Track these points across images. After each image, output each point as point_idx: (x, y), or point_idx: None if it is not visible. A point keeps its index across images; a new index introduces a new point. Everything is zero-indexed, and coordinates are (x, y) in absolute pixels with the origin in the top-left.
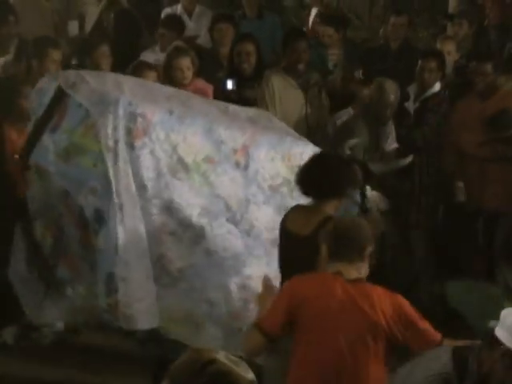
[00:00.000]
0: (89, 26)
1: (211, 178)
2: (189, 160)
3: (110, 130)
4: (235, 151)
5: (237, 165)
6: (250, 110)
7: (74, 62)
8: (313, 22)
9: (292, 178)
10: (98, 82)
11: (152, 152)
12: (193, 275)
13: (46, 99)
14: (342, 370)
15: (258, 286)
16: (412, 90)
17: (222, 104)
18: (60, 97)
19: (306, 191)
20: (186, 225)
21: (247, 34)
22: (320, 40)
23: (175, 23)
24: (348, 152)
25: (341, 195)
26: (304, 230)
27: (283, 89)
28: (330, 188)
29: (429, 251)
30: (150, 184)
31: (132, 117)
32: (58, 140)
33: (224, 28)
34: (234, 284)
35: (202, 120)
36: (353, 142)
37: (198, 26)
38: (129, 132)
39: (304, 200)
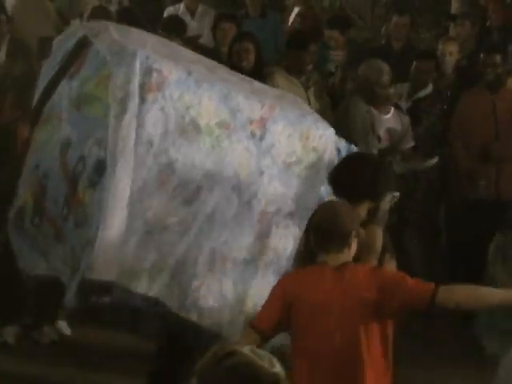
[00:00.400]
0: None
1: (224, 144)
2: (201, 123)
3: (120, 82)
4: (251, 121)
5: (252, 135)
6: (277, 90)
7: None
8: (292, 22)
9: (306, 159)
10: (121, 35)
11: (162, 109)
12: (177, 233)
13: (67, 48)
14: (340, 357)
15: (232, 254)
16: (405, 88)
17: (248, 78)
18: (82, 45)
19: (340, 192)
20: (184, 184)
21: (246, 32)
22: (325, 42)
23: (175, 25)
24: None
25: (377, 198)
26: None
27: (287, 87)
28: (367, 190)
29: (425, 251)
30: (156, 140)
31: (147, 71)
32: (74, 87)
33: (226, 27)
34: (207, 247)
35: (221, 86)
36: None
37: (200, 26)
38: (142, 86)
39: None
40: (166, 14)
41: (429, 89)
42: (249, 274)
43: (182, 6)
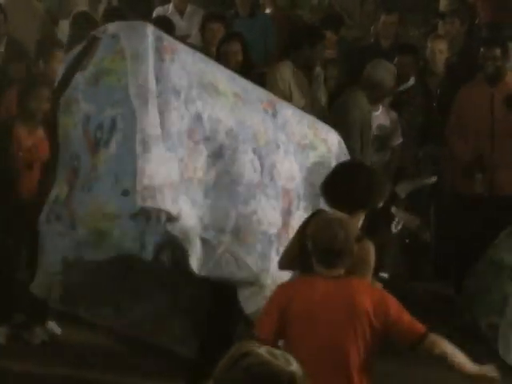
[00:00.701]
0: None
1: (242, 109)
2: (220, 87)
3: (134, 45)
4: (261, 101)
5: (265, 111)
6: None
7: None
8: None
9: (319, 147)
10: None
11: (183, 67)
12: (204, 187)
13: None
14: (331, 363)
15: (258, 223)
16: None
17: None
18: (92, 42)
19: (334, 202)
20: (210, 138)
21: (234, 33)
22: None
23: (163, 25)
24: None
25: (370, 207)
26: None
27: (290, 78)
28: (362, 199)
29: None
30: (182, 91)
31: (159, 39)
32: (88, 72)
33: (215, 28)
34: (235, 212)
35: (227, 70)
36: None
37: (189, 26)
38: (157, 50)
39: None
40: (154, 14)
41: (411, 82)
42: (272, 250)
43: (170, 6)
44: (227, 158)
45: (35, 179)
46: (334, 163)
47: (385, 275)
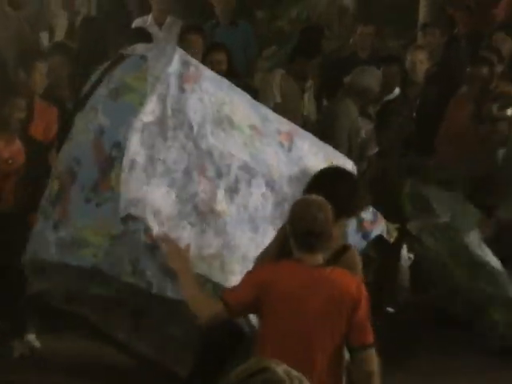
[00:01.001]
0: (59, 38)
1: (256, 144)
2: (235, 119)
3: (158, 69)
4: (279, 132)
5: (281, 144)
6: None
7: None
8: None
9: None
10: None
11: (201, 99)
12: (225, 220)
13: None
14: (307, 349)
15: None
16: None
17: None
18: (118, 59)
19: None
20: (224, 173)
21: (218, 43)
22: None
23: (141, 37)
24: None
25: (353, 213)
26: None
27: (284, 86)
28: (344, 206)
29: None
30: (196, 126)
31: (185, 64)
32: (112, 84)
33: (193, 39)
34: (254, 244)
35: (249, 98)
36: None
37: (168, 37)
38: (180, 76)
39: None
40: (133, 25)
41: (396, 92)
42: None
43: (149, 18)
44: (243, 192)
45: (11, 190)
46: None
47: (391, 310)
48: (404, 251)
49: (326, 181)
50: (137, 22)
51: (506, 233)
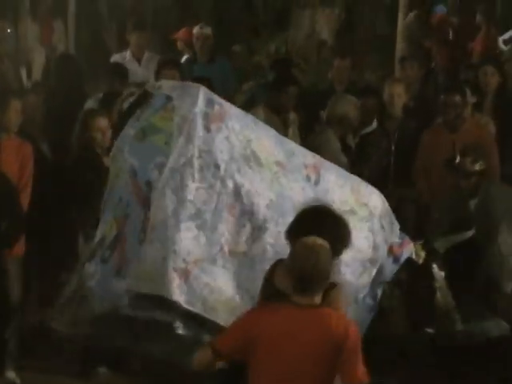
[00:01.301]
0: (36, 74)
1: (282, 181)
2: (261, 156)
3: (184, 110)
4: (306, 166)
5: (307, 178)
6: None
7: None
8: None
9: (359, 212)
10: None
11: (227, 138)
12: (245, 263)
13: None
14: None
15: None
16: None
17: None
18: (144, 95)
19: None
20: (251, 212)
21: (200, 77)
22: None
23: (117, 72)
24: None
25: (338, 253)
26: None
27: (267, 121)
28: (332, 246)
29: None
30: (222, 165)
31: (210, 103)
32: (138, 125)
33: (169, 74)
34: None
35: (274, 132)
36: None
37: (147, 72)
38: (206, 116)
39: None
40: (111, 61)
41: (374, 125)
42: None
43: (128, 53)
44: (271, 231)
45: None
46: (377, 226)
47: (430, 330)
48: (436, 270)
49: (309, 221)
50: (115, 58)
51: None
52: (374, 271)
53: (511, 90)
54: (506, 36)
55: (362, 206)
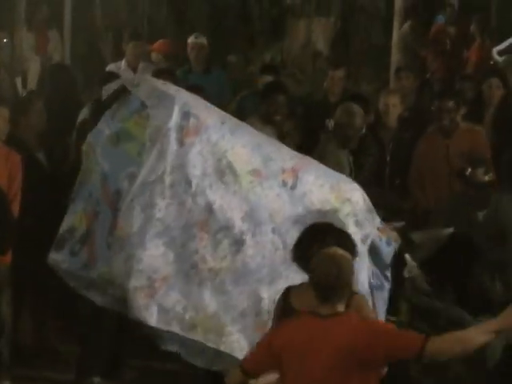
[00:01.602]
0: (32, 83)
1: (257, 190)
2: (237, 167)
3: (157, 123)
4: (283, 170)
5: (284, 183)
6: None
7: None
8: None
9: (343, 208)
10: (160, 84)
11: (200, 152)
12: (224, 278)
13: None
14: None
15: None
16: None
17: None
18: (122, 91)
19: (304, 265)
20: (226, 227)
21: (195, 85)
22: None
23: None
24: None
25: None
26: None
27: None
28: None
29: None
30: (194, 181)
31: (185, 116)
32: (113, 127)
33: None
34: (266, 294)
35: (252, 137)
36: None
37: None
38: (180, 129)
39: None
40: (107, 70)
41: (362, 131)
42: None
43: (123, 63)
44: (248, 243)
45: None
46: (360, 221)
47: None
48: (409, 259)
49: (311, 238)
50: (110, 67)
51: None
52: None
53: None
54: (501, 47)
55: (345, 201)
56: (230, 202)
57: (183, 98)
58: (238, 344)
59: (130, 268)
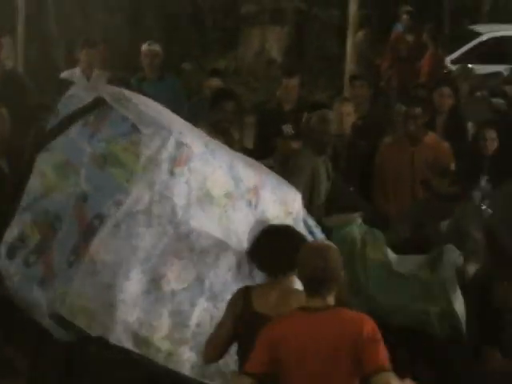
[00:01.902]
0: None
1: (229, 213)
2: (214, 193)
3: (150, 153)
4: (248, 190)
5: (249, 203)
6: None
7: None
8: None
9: (286, 220)
10: (144, 106)
11: (187, 182)
12: (183, 299)
13: (76, 104)
14: None
15: None
16: None
17: (239, 153)
18: (98, 105)
19: (264, 267)
20: (199, 251)
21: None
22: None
23: (65, 90)
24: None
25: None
26: (283, 310)
27: None
28: (292, 264)
29: None
30: (180, 212)
31: (179, 145)
32: (96, 147)
33: None
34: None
35: (227, 156)
36: None
37: None
38: (172, 160)
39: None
40: (61, 77)
41: None
42: None
43: (77, 70)
44: (211, 264)
45: None
46: (302, 227)
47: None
48: None
49: (269, 241)
50: (64, 75)
51: None
52: None
53: (462, 110)
54: (455, 55)
55: (288, 215)
56: (208, 228)
57: (177, 127)
58: (189, 362)
59: (112, 298)
